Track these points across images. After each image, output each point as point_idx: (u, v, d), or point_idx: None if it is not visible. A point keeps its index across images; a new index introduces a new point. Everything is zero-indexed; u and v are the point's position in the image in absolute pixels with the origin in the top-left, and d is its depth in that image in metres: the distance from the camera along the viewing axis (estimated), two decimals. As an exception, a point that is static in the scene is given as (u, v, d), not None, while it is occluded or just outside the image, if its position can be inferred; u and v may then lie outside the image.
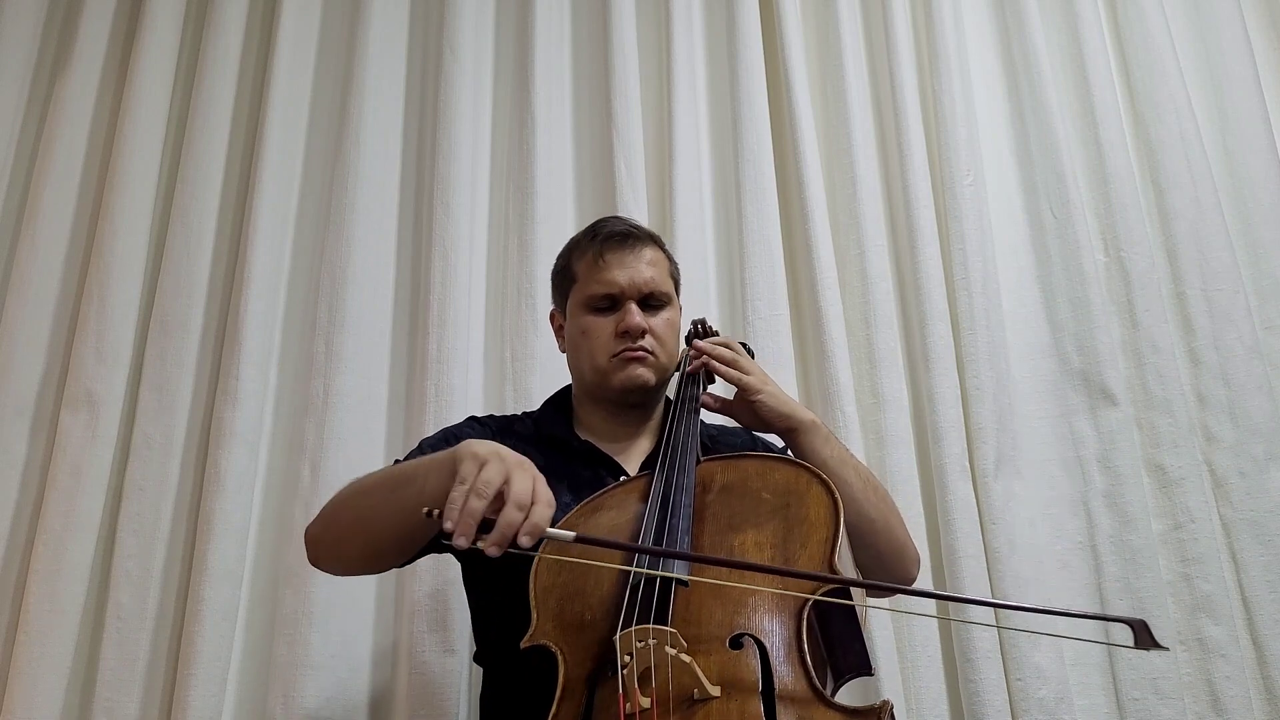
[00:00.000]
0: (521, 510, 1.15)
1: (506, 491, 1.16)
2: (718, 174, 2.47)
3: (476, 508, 1.14)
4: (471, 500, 1.14)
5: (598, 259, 1.65)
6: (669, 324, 1.67)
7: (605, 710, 1.13)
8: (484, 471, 1.17)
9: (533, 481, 1.18)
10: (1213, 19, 2.56)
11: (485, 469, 1.17)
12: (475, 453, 1.20)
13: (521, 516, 1.14)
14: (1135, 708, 2.02)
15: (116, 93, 2.49)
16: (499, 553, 1.13)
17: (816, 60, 2.54)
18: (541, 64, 2.48)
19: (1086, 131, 2.44)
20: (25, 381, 2.24)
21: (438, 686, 1.95)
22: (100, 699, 1.99)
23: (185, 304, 2.27)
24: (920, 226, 2.32)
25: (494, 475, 1.16)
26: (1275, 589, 2.09)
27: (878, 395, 2.21)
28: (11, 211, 2.41)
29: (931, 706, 2.00)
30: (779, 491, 1.37)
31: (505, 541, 1.13)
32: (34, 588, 2.04)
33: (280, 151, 2.39)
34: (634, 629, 1.15)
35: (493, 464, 1.18)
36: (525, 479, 1.18)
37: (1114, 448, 2.18)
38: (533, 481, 1.18)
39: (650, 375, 1.63)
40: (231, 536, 2.06)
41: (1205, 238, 2.32)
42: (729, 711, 1.10)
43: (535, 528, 1.14)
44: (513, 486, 1.16)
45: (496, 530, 1.13)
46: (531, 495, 1.16)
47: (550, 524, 1.17)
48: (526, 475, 1.18)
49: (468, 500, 1.14)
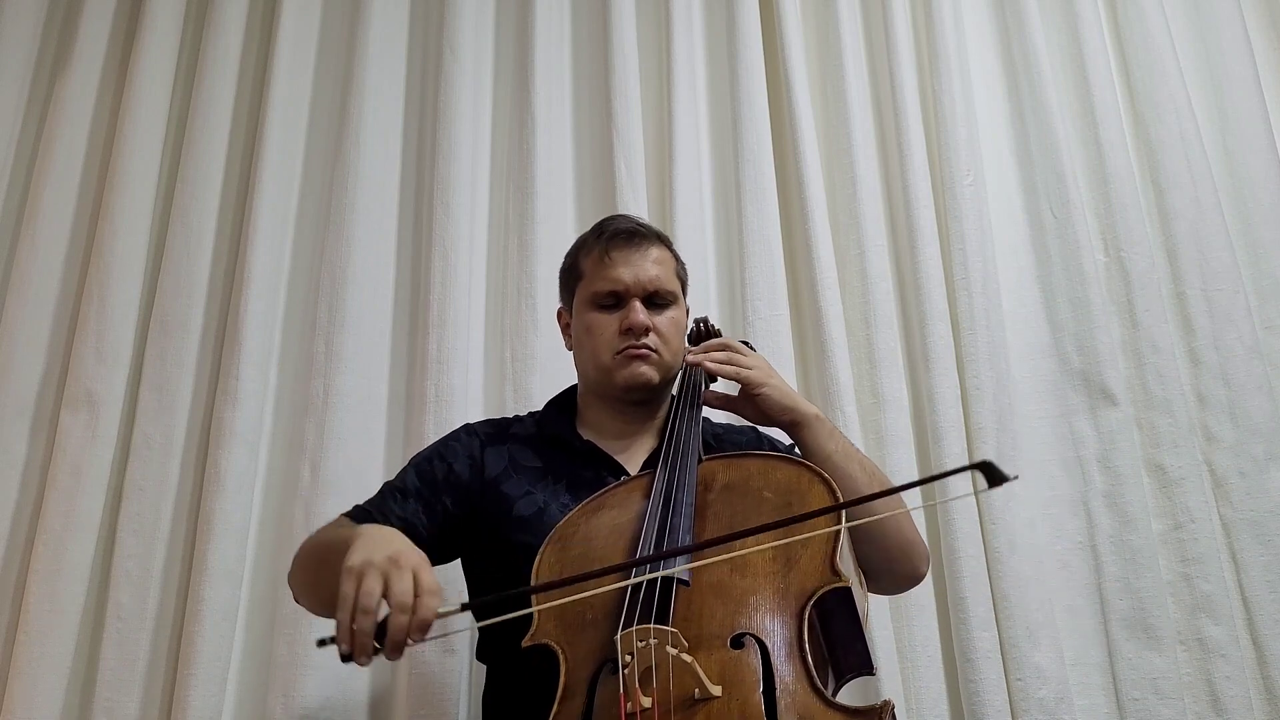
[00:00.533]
0: (405, 613, 1.15)
1: (389, 598, 1.15)
2: (718, 174, 2.47)
3: (366, 627, 1.14)
4: (359, 620, 1.14)
5: (603, 256, 1.65)
6: (673, 323, 1.67)
7: (606, 709, 1.14)
8: (363, 585, 1.16)
9: (412, 576, 1.18)
10: (1213, 19, 2.56)
11: (364, 582, 1.16)
12: (351, 566, 1.19)
13: (407, 619, 1.14)
14: (1135, 708, 2.02)
15: (116, 93, 2.48)
16: (399, 657, 1.15)
17: (816, 60, 2.54)
18: (541, 64, 2.47)
19: (1086, 131, 2.45)
20: (25, 381, 2.23)
21: (438, 686, 1.95)
22: (100, 699, 1.99)
23: (185, 304, 2.26)
24: (920, 226, 2.32)
25: (373, 586, 1.16)
26: (1275, 589, 2.10)
27: (878, 395, 2.21)
28: (11, 211, 2.41)
29: (931, 706, 2.00)
30: (781, 491, 1.38)
31: (400, 647, 1.14)
32: (34, 588, 2.04)
33: (280, 151, 2.39)
34: (635, 629, 1.16)
35: (369, 575, 1.17)
36: (403, 578, 1.17)
37: (1114, 448, 2.18)
38: (412, 576, 1.18)
39: (653, 373, 1.63)
40: (231, 536, 2.06)
41: (1205, 238, 2.32)
42: (730, 711, 1.10)
43: (422, 623, 1.15)
44: (392, 590, 1.16)
45: (389, 641, 1.14)
46: (414, 590, 1.16)
47: (442, 605, 1.16)
48: (404, 573, 1.18)
49: (355, 622, 1.14)
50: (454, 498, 1.61)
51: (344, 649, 1.14)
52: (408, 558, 1.20)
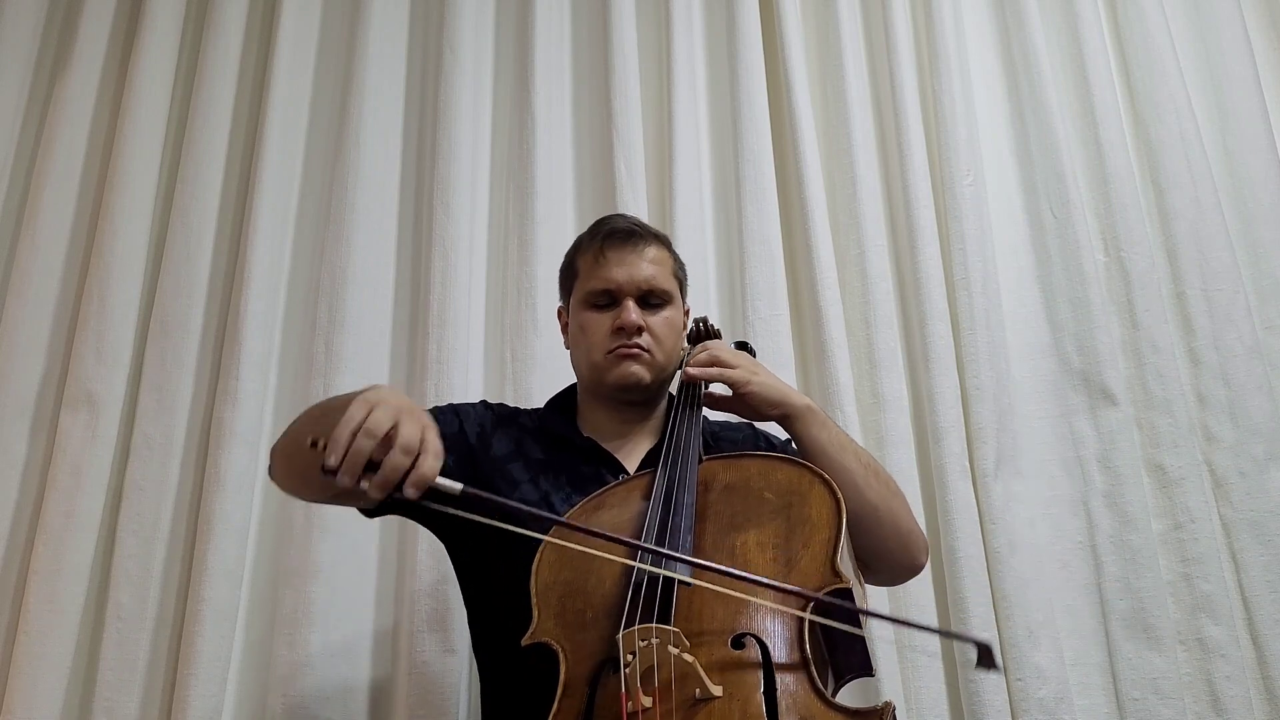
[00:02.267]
0: (408, 455, 1.12)
1: (394, 435, 1.13)
2: (718, 174, 2.47)
3: (364, 446, 1.11)
4: (360, 439, 1.12)
5: (599, 255, 1.65)
6: (668, 323, 1.66)
7: (607, 709, 1.14)
8: (374, 413, 1.14)
9: (421, 430, 1.15)
10: (1213, 19, 2.56)
11: (375, 411, 1.14)
12: (367, 397, 1.18)
13: (408, 461, 1.12)
14: (1135, 708, 2.02)
15: (116, 93, 2.49)
16: (380, 496, 1.11)
17: (816, 60, 2.54)
18: (541, 64, 2.48)
19: (1086, 131, 2.45)
20: (25, 381, 2.23)
21: (438, 686, 1.95)
22: (100, 699, 1.99)
23: (185, 304, 2.26)
24: (920, 226, 2.32)
25: (383, 417, 1.14)
26: (1275, 589, 2.10)
27: (878, 395, 2.21)
28: (11, 211, 2.41)
29: (931, 706, 2.01)
30: (781, 491, 1.37)
31: (389, 485, 1.11)
32: (34, 588, 2.04)
33: (280, 151, 2.39)
34: (636, 628, 1.15)
35: (382, 409, 1.15)
36: (414, 426, 1.15)
37: (1114, 448, 2.18)
38: (421, 430, 1.15)
39: (645, 373, 1.62)
40: (231, 536, 2.06)
41: (1205, 238, 2.32)
42: (731, 711, 1.10)
43: (421, 478, 1.12)
44: (401, 432, 1.13)
45: (380, 473, 1.11)
46: (420, 444, 1.14)
47: (442, 476, 1.13)
48: (415, 423, 1.16)
49: (355, 439, 1.12)
50: (457, 456, 1.59)
51: (331, 461, 1.11)
52: (423, 415, 1.19)
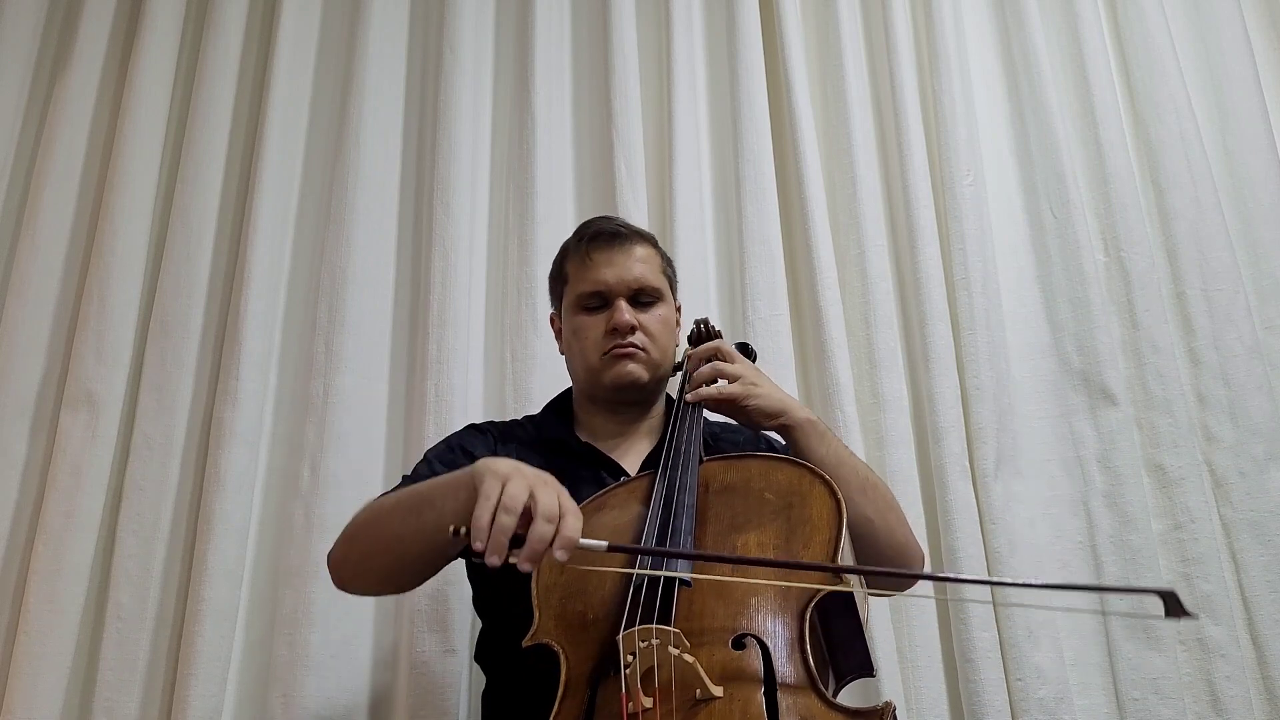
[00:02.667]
0: (551, 523, 1.14)
1: (533, 506, 1.15)
2: (718, 174, 2.47)
3: (507, 524, 1.13)
4: (501, 517, 1.13)
5: (585, 258, 1.65)
6: (661, 320, 1.66)
7: (607, 709, 1.14)
8: (509, 488, 1.16)
9: (557, 494, 1.18)
10: (1213, 19, 2.56)
11: (510, 484, 1.16)
12: (496, 470, 1.20)
13: (552, 530, 1.14)
14: (1135, 708, 2.02)
15: (116, 93, 2.49)
16: (531, 568, 1.13)
17: (816, 60, 2.54)
18: (541, 64, 2.47)
19: (1086, 131, 2.44)
20: (25, 381, 2.23)
21: (438, 686, 1.95)
22: (100, 699, 1.99)
23: (185, 304, 2.26)
24: (920, 226, 2.32)
25: (519, 491, 1.16)
26: (1275, 589, 2.09)
27: (878, 395, 2.21)
28: (11, 211, 2.41)
29: (931, 706, 2.00)
30: (781, 492, 1.38)
31: (538, 556, 1.13)
32: (34, 588, 2.04)
33: (280, 151, 2.39)
34: (637, 629, 1.15)
35: (516, 480, 1.17)
36: (550, 493, 1.17)
37: (1114, 448, 2.18)
38: (557, 494, 1.18)
39: (641, 371, 1.62)
40: (231, 536, 2.06)
41: (1205, 238, 2.32)
42: (731, 711, 1.10)
43: (568, 540, 1.14)
44: (539, 501, 1.15)
45: (528, 546, 1.12)
46: (559, 508, 1.16)
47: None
48: (550, 489, 1.18)
49: (496, 517, 1.13)
50: None
51: (479, 545, 1.12)
52: (552, 479, 1.21)
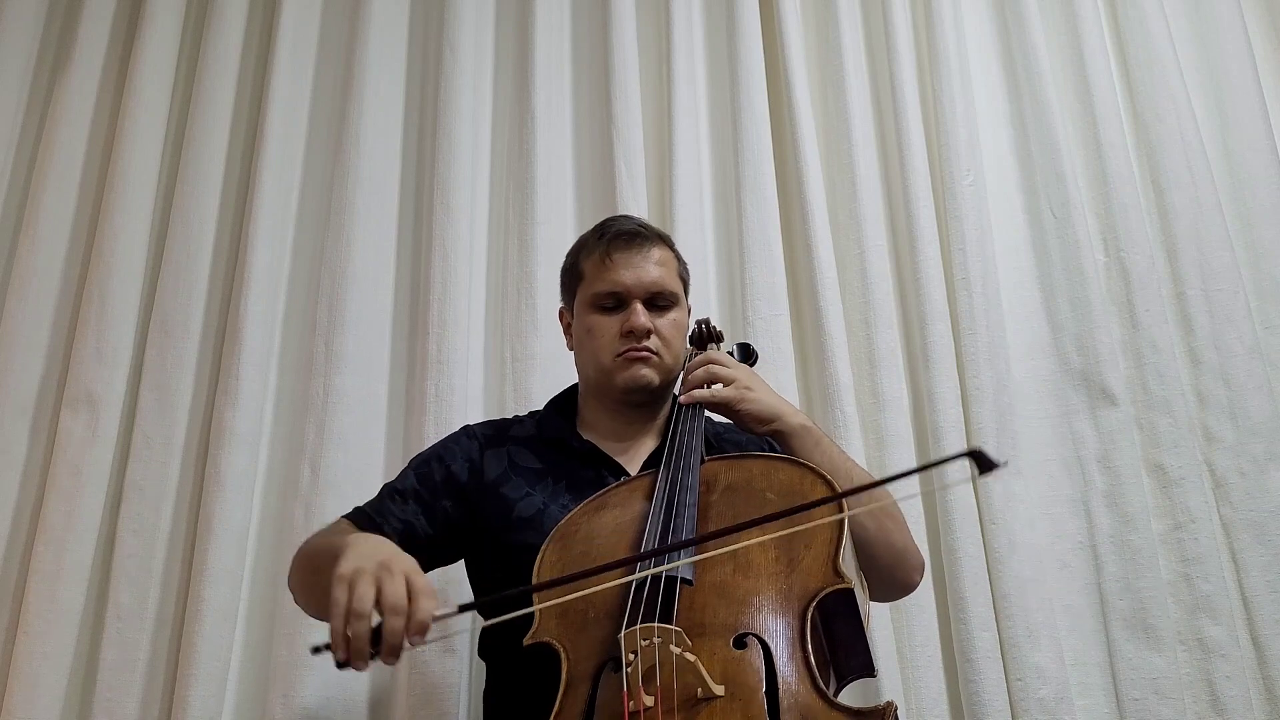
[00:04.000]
0: (400, 616, 1.13)
1: (381, 602, 1.14)
2: (718, 174, 2.47)
3: (360, 631, 1.13)
4: (353, 624, 1.13)
5: (605, 258, 1.64)
6: (675, 324, 1.66)
7: (608, 708, 1.14)
8: (355, 591, 1.15)
9: (404, 579, 1.17)
10: (1213, 19, 2.56)
11: (356, 588, 1.15)
12: (341, 573, 1.18)
13: (403, 622, 1.13)
14: (1135, 708, 2.02)
15: (116, 93, 2.48)
16: (396, 661, 1.14)
17: (816, 60, 2.54)
18: (541, 64, 2.47)
19: (1086, 132, 2.45)
20: (25, 381, 2.23)
21: (438, 687, 1.95)
22: (100, 699, 1.98)
23: (185, 304, 2.26)
24: (920, 226, 2.32)
25: (366, 591, 1.15)
26: (1275, 589, 2.10)
27: (878, 395, 2.21)
28: (11, 211, 2.40)
29: (931, 706, 2.00)
30: (783, 492, 1.38)
31: (396, 651, 1.13)
32: (34, 588, 2.04)
33: (280, 151, 2.38)
34: (638, 627, 1.15)
35: (360, 580, 1.16)
36: (396, 582, 1.16)
37: (1114, 448, 2.18)
38: (404, 579, 1.17)
39: (654, 375, 1.62)
40: (231, 536, 2.06)
41: (1205, 238, 2.32)
42: (732, 711, 1.10)
43: (420, 625, 1.13)
44: (385, 595, 1.15)
45: (385, 646, 1.13)
46: (407, 594, 1.15)
47: (440, 608, 1.15)
48: (397, 577, 1.17)
49: (349, 626, 1.14)
50: (453, 500, 1.61)
51: (339, 656, 1.13)
52: (399, 562, 1.20)
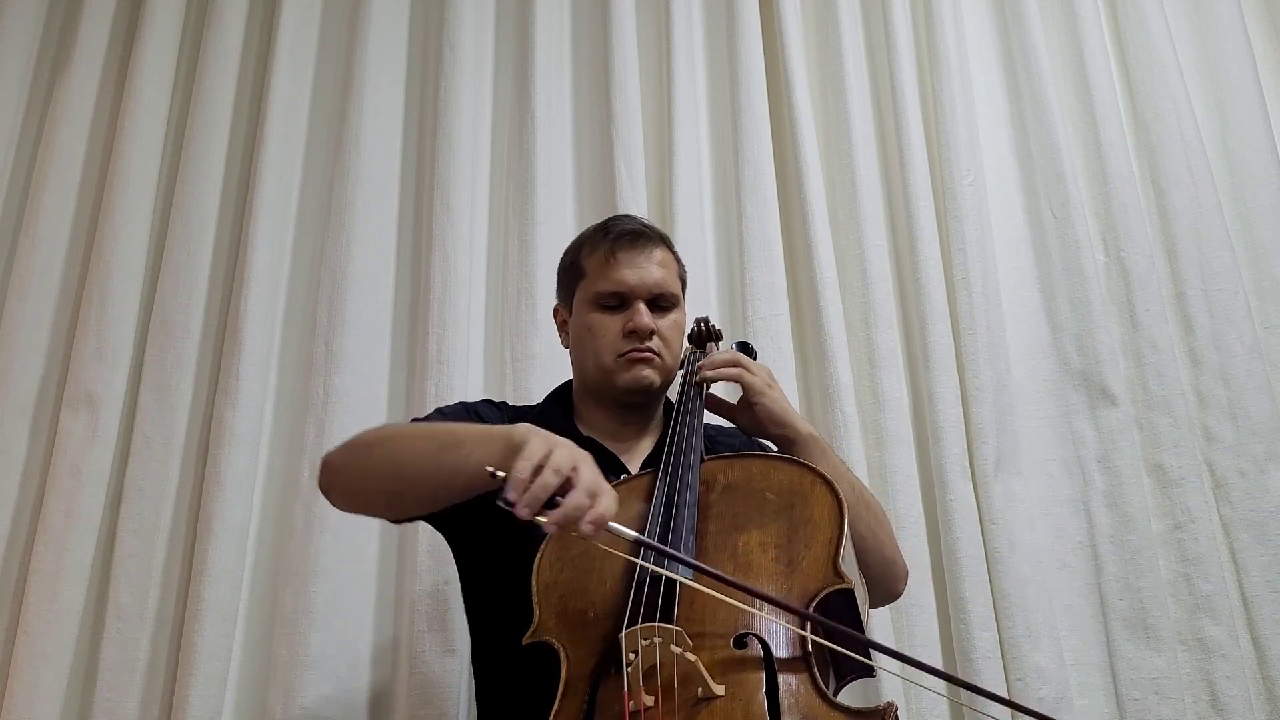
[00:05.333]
0: (591, 497, 1.16)
1: (574, 478, 1.18)
2: (718, 174, 2.47)
3: (551, 483, 1.16)
4: (546, 474, 1.16)
5: (609, 257, 1.64)
6: (675, 326, 1.66)
7: (608, 708, 1.13)
8: (556, 453, 1.19)
9: (596, 474, 1.21)
10: (1213, 19, 2.56)
11: (557, 451, 1.19)
12: (543, 434, 1.23)
13: (589, 503, 1.16)
14: (1135, 708, 2.02)
15: (116, 93, 2.48)
16: (556, 530, 1.16)
17: (816, 60, 2.54)
18: (541, 64, 2.47)
19: (1086, 132, 2.45)
20: (25, 381, 2.23)
21: (438, 686, 1.95)
22: (100, 699, 1.99)
23: (185, 304, 2.26)
24: (920, 226, 2.32)
25: (564, 460, 1.19)
26: (1275, 589, 2.10)
27: (878, 395, 2.21)
28: (11, 211, 2.40)
29: (932, 706, 2.00)
30: (783, 492, 1.38)
31: (569, 521, 1.15)
32: (34, 588, 2.04)
33: (280, 151, 2.39)
34: (639, 627, 1.15)
35: (562, 449, 1.21)
36: (593, 470, 1.20)
37: (1114, 448, 2.18)
38: (596, 474, 1.21)
39: (655, 376, 1.62)
40: (231, 536, 2.06)
41: (1205, 238, 2.33)
42: (733, 710, 1.10)
43: (601, 518, 1.16)
44: (581, 474, 1.18)
45: (562, 510, 1.15)
46: (598, 487, 1.18)
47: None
48: (593, 467, 1.21)
49: (540, 474, 1.16)
50: None
51: (513, 495, 1.15)
52: (594, 461, 1.23)
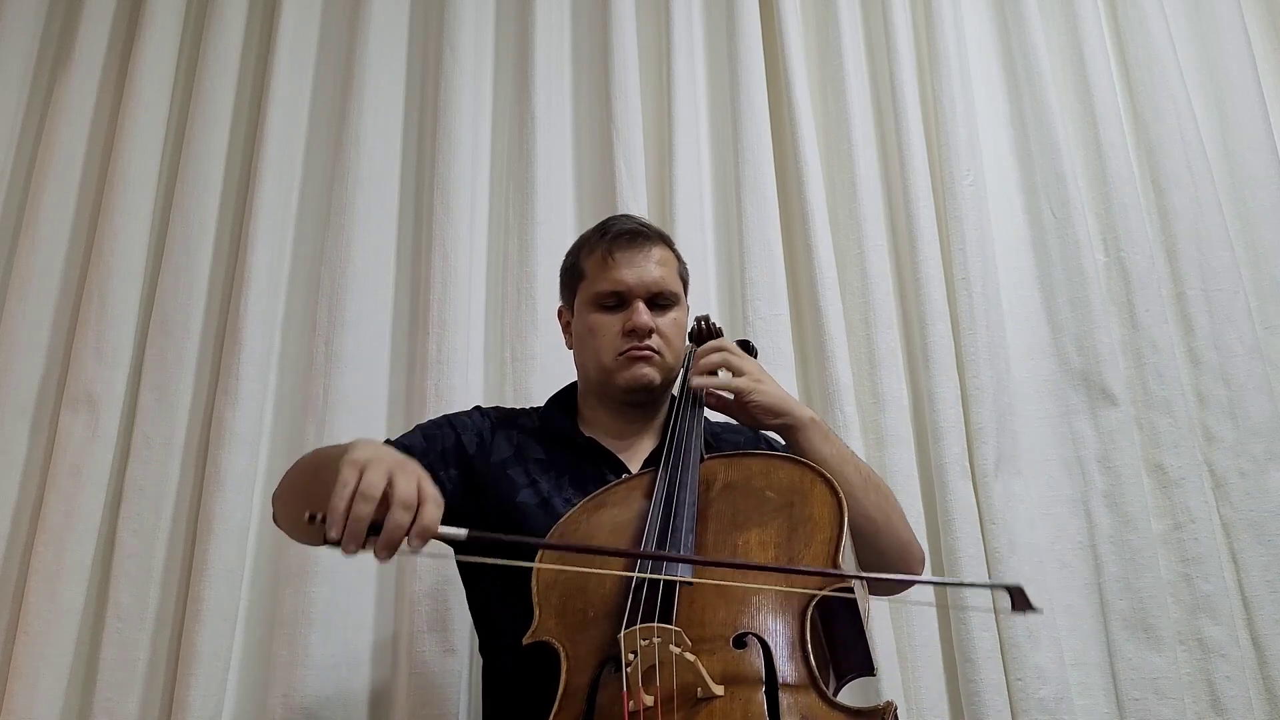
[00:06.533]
0: (408, 510, 1.12)
1: (391, 493, 1.12)
2: (718, 174, 2.47)
3: (363, 512, 1.11)
4: (357, 505, 1.11)
5: (607, 257, 1.64)
6: (676, 324, 1.66)
7: (608, 708, 1.13)
8: (366, 474, 1.13)
9: (417, 481, 1.15)
10: (1213, 19, 2.56)
11: (368, 472, 1.13)
12: (354, 457, 1.16)
13: (409, 517, 1.12)
14: (1135, 708, 2.02)
15: (116, 93, 2.48)
16: (388, 558, 1.11)
17: (816, 60, 2.54)
18: (541, 64, 2.48)
19: (1086, 132, 2.45)
20: (25, 381, 2.23)
21: (438, 686, 1.95)
22: (100, 699, 1.99)
23: (185, 304, 2.26)
24: (920, 226, 2.32)
25: (377, 478, 1.13)
26: (1275, 589, 2.10)
27: (878, 395, 2.21)
28: (11, 211, 2.40)
29: (931, 707, 2.01)
30: (783, 490, 1.38)
31: (394, 545, 1.11)
32: (34, 587, 2.04)
33: (280, 151, 2.39)
34: (638, 627, 1.15)
35: (374, 466, 1.14)
36: (409, 479, 1.14)
37: (1114, 448, 2.18)
38: (417, 481, 1.15)
39: (655, 375, 1.62)
40: (231, 537, 2.06)
41: (1205, 238, 2.33)
42: (732, 710, 1.10)
43: (425, 529, 1.12)
44: (397, 488, 1.13)
45: (384, 534, 1.11)
46: (418, 495, 1.14)
47: (442, 523, 1.14)
48: (410, 476, 1.15)
49: (352, 505, 1.11)
50: (459, 471, 1.60)
51: (333, 534, 1.10)
52: (414, 465, 1.18)
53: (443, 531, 1.13)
